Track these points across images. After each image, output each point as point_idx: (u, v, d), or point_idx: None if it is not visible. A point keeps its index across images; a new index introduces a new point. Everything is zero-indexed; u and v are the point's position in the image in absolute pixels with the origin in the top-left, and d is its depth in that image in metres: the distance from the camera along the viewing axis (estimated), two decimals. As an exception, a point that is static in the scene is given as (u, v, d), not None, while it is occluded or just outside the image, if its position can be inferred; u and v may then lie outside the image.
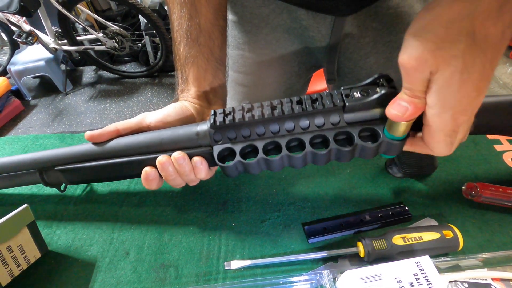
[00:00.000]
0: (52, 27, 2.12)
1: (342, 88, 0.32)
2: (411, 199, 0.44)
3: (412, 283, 0.30)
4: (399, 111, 0.27)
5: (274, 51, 0.56)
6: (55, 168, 0.40)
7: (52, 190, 0.49)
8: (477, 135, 0.49)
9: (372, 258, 0.36)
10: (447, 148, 0.28)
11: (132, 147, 0.38)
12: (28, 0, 1.80)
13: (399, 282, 0.30)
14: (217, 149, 0.34)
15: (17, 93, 2.34)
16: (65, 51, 2.30)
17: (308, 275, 0.35)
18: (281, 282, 0.35)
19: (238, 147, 0.34)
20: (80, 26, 2.15)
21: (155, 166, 0.37)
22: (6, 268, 0.37)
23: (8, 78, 2.26)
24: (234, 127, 0.33)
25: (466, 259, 0.35)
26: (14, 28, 2.13)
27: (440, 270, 0.32)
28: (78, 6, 2.08)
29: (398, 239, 0.36)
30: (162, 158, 0.36)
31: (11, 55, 2.37)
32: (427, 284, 0.30)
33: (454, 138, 0.27)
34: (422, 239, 0.36)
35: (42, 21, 2.04)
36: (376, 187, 0.47)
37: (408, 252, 0.35)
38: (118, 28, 2.14)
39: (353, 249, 0.37)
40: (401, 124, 0.28)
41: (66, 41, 2.18)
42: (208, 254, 0.40)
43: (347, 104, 0.30)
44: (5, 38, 2.41)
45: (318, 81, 1.27)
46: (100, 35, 2.11)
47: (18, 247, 0.38)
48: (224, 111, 0.34)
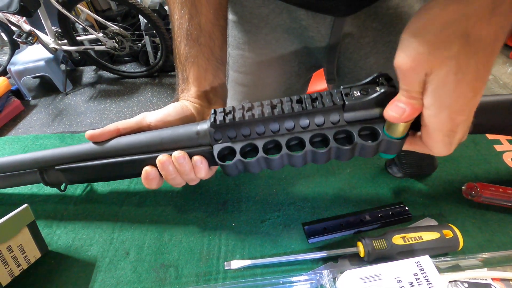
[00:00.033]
0: (52, 27, 2.12)
1: (342, 87, 0.32)
2: (411, 199, 0.45)
3: (412, 283, 0.30)
4: (397, 112, 0.27)
5: (274, 51, 0.56)
6: (56, 167, 0.41)
7: (52, 190, 0.49)
8: (476, 134, 0.49)
9: (372, 258, 0.36)
10: (446, 148, 0.28)
11: (133, 146, 0.38)
12: (28, 0, 1.80)
13: (399, 282, 0.30)
14: (217, 148, 0.34)
15: (17, 93, 2.34)
16: (65, 51, 2.30)
17: (308, 275, 0.35)
18: (281, 282, 0.35)
19: (238, 146, 0.34)
20: (80, 26, 2.15)
21: (155, 165, 0.37)
22: (6, 268, 0.37)
23: (8, 78, 2.26)
24: (234, 126, 0.33)
25: (466, 259, 0.35)
26: (14, 28, 2.13)
27: (440, 270, 0.32)
28: (78, 6, 2.08)
29: (398, 239, 0.36)
30: (162, 157, 0.36)
31: (11, 55, 2.37)
32: (427, 284, 0.30)
33: (452, 138, 0.27)
34: (422, 239, 0.36)
35: (42, 21, 2.04)
36: (376, 187, 0.47)
37: (408, 252, 0.35)
38: (118, 28, 2.14)
39: (353, 249, 0.37)
40: (399, 125, 0.28)
41: (66, 41, 2.18)
42: (208, 254, 0.40)
43: (346, 103, 0.30)
44: (5, 38, 2.40)
45: (318, 81, 1.27)
46: (100, 35, 2.11)
47: (18, 247, 0.38)
48: (224, 110, 0.34)
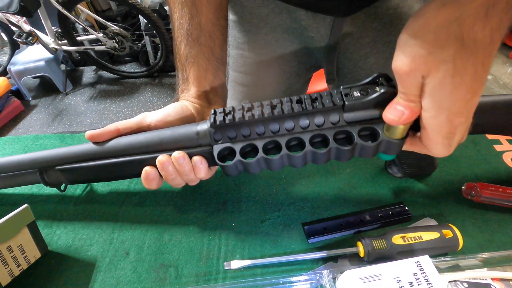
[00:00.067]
0: (52, 27, 2.12)
1: (342, 87, 0.32)
2: (411, 199, 0.45)
3: (411, 283, 0.30)
4: (396, 115, 0.27)
5: (274, 51, 0.56)
6: (56, 168, 0.41)
7: (52, 190, 0.49)
8: (476, 134, 0.49)
9: (372, 258, 0.36)
10: (445, 150, 0.28)
11: (133, 146, 0.38)
12: (28, 0, 1.80)
13: (399, 282, 0.30)
14: (217, 148, 0.34)
15: (17, 93, 2.34)
16: (65, 51, 2.30)
17: (308, 275, 0.35)
18: (281, 282, 0.35)
19: (238, 147, 0.34)
20: (80, 26, 2.15)
21: (155, 166, 0.37)
22: (6, 268, 0.37)
23: (8, 78, 2.26)
24: (234, 127, 0.33)
25: (466, 259, 0.35)
26: (14, 28, 2.14)
27: (440, 270, 0.32)
28: (78, 6, 2.08)
29: (398, 239, 0.36)
30: (162, 158, 0.36)
31: (11, 55, 2.37)
32: (427, 284, 0.30)
33: (451, 140, 0.27)
34: (422, 239, 0.36)
35: (42, 21, 2.04)
36: (376, 187, 0.47)
37: (407, 251, 0.35)
38: (118, 28, 2.14)
39: (353, 249, 0.37)
40: (398, 127, 0.28)
41: (66, 41, 2.18)
42: (208, 254, 0.40)
43: (346, 103, 0.30)
44: (5, 38, 2.41)
45: (318, 81, 1.27)
46: (100, 35, 2.11)
47: (18, 247, 0.38)
48: (224, 110, 0.34)
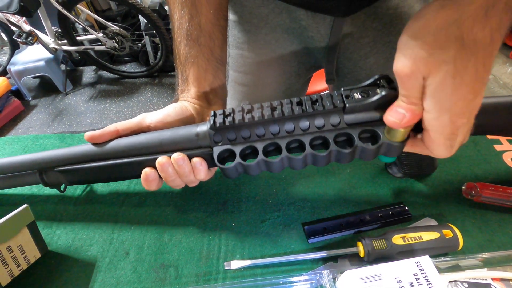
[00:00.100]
0: (52, 27, 2.12)
1: (343, 89, 0.32)
2: (411, 199, 0.45)
3: (412, 283, 0.30)
4: (397, 118, 0.27)
5: (274, 51, 0.56)
6: (55, 169, 0.40)
7: (52, 190, 0.49)
8: (477, 135, 0.49)
9: (372, 258, 0.36)
10: (447, 151, 0.28)
11: (132, 148, 0.38)
12: (28, 0, 1.80)
13: (399, 282, 0.30)
14: (217, 150, 0.34)
15: (17, 93, 2.34)
16: (65, 51, 2.30)
17: (308, 275, 0.35)
18: (281, 282, 0.35)
19: (238, 149, 0.33)
20: (80, 26, 2.15)
21: (154, 167, 0.37)
22: (6, 268, 0.37)
23: (8, 78, 2.26)
24: (234, 128, 0.33)
25: (466, 259, 0.35)
26: (14, 28, 2.13)
27: (440, 270, 0.32)
28: (78, 6, 2.08)
29: (398, 239, 0.36)
30: (161, 159, 0.35)
31: (11, 55, 2.37)
32: (427, 284, 0.30)
33: (453, 141, 0.27)
34: (422, 239, 0.36)
35: (42, 21, 2.04)
36: (376, 187, 0.47)
37: (408, 252, 0.35)
38: (118, 28, 2.14)
39: (353, 249, 0.37)
40: (399, 131, 0.28)
41: (66, 41, 2.18)
42: (208, 254, 0.40)
43: (347, 105, 0.30)
44: (5, 38, 2.41)
45: (319, 81, 1.27)
46: (100, 35, 2.11)
47: (18, 247, 0.38)
48: (223, 112, 0.34)
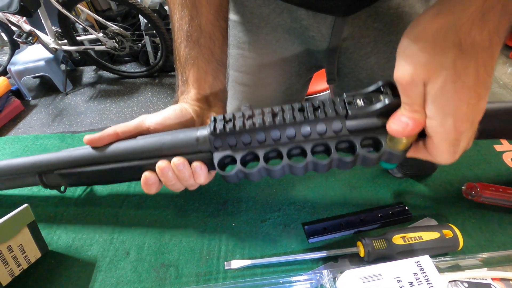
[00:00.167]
0: (52, 27, 2.12)
1: (345, 95, 0.31)
2: (411, 199, 0.45)
3: (412, 283, 0.30)
4: (400, 126, 0.27)
5: (274, 51, 0.56)
6: (55, 172, 0.40)
7: (52, 190, 0.49)
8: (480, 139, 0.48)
9: (372, 257, 0.36)
10: (450, 157, 0.28)
11: (132, 152, 0.37)
12: (28, 0, 1.80)
13: (399, 281, 0.30)
14: (217, 156, 0.34)
15: (17, 93, 2.34)
16: (65, 51, 2.30)
17: (308, 275, 0.35)
18: (281, 282, 0.35)
19: (238, 156, 0.33)
20: (80, 26, 2.15)
21: (154, 171, 0.36)
22: (6, 267, 0.37)
23: (8, 78, 2.26)
24: (234, 134, 0.33)
25: (466, 259, 0.35)
26: (14, 28, 2.13)
27: (440, 270, 0.32)
28: (78, 6, 2.08)
29: (398, 239, 0.36)
30: (161, 164, 0.35)
31: (11, 55, 2.37)
32: (427, 284, 0.30)
33: (457, 147, 0.27)
34: (422, 239, 0.36)
35: (42, 21, 2.04)
36: (376, 187, 0.47)
37: (408, 251, 0.35)
38: (118, 28, 2.14)
39: (353, 249, 0.37)
40: (401, 140, 0.28)
41: (66, 41, 2.18)
42: (208, 254, 0.40)
43: (349, 112, 0.30)
44: (5, 38, 2.40)
45: (319, 81, 1.27)
46: (100, 35, 2.11)
47: (18, 246, 0.38)
48: (224, 117, 0.33)
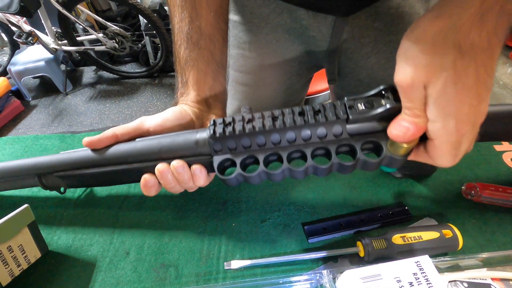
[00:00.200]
0: (52, 28, 2.12)
1: (346, 99, 0.31)
2: (411, 199, 0.45)
3: (411, 283, 0.30)
4: (401, 131, 0.27)
5: (275, 51, 0.56)
6: (54, 174, 0.40)
7: (52, 191, 0.49)
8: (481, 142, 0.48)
9: (372, 257, 0.36)
10: (452, 160, 0.28)
11: (131, 154, 0.37)
12: (28, 0, 1.80)
13: (399, 281, 0.30)
14: (217, 160, 0.34)
15: (17, 93, 2.34)
16: (65, 52, 2.30)
17: (308, 275, 0.35)
18: (281, 282, 0.35)
19: (238, 159, 0.33)
20: (80, 27, 2.15)
21: (154, 173, 0.36)
22: (6, 268, 0.37)
23: (8, 78, 2.26)
24: (234, 138, 0.33)
25: (466, 259, 0.35)
26: (14, 28, 2.13)
27: (440, 270, 0.32)
28: (78, 6, 2.08)
29: (397, 239, 0.36)
30: (161, 167, 0.35)
31: (11, 55, 2.37)
32: (427, 284, 0.30)
33: (458, 150, 0.27)
34: (422, 239, 0.36)
35: (42, 21, 2.04)
36: (376, 187, 0.47)
37: (407, 251, 0.35)
38: (118, 28, 2.14)
39: (353, 248, 0.37)
40: (402, 145, 0.28)
41: (66, 41, 2.18)
42: (208, 254, 0.40)
43: (350, 117, 0.30)
44: (5, 38, 2.41)
45: (319, 81, 1.27)
46: (100, 35, 2.11)
47: (18, 247, 0.38)
48: (223, 121, 0.33)
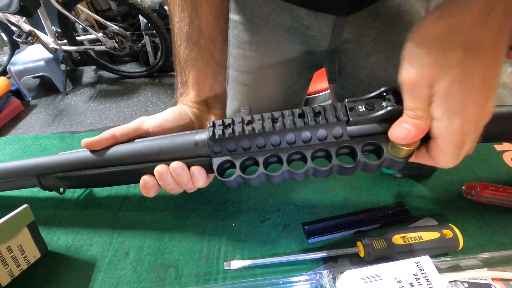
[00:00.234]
0: (52, 27, 2.12)
1: (346, 100, 0.31)
2: (411, 199, 0.45)
3: (412, 283, 0.30)
4: (402, 133, 0.27)
5: (275, 50, 0.56)
6: (53, 175, 0.40)
7: (52, 191, 0.49)
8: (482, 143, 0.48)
9: (372, 258, 0.36)
10: (453, 160, 0.28)
11: (131, 156, 0.37)
12: (28, 0, 1.80)
13: (399, 282, 0.30)
14: (216, 161, 0.33)
15: (17, 93, 2.33)
16: (65, 51, 2.30)
17: (308, 275, 0.35)
18: (281, 282, 0.35)
19: (238, 161, 0.33)
20: (80, 26, 2.15)
21: (153, 175, 0.36)
22: (6, 268, 0.37)
23: (8, 78, 2.26)
24: (233, 139, 0.33)
25: (466, 259, 0.35)
26: (14, 28, 2.13)
27: (440, 270, 0.32)
28: (78, 6, 2.08)
29: (398, 239, 0.36)
30: (160, 168, 0.35)
31: (11, 55, 2.36)
32: (427, 284, 0.30)
33: (461, 150, 0.27)
34: (422, 239, 0.36)
35: (42, 21, 2.04)
36: (376, 187, 0.47)
37: (408, 252, 0.35)
38: (118, 28, 2.14)
39: (353, 249, 0.37)
40: (403, 148, 0.28)
41: (66, 41, 2.18)
42: (208, 254, 0.40)
43: (351, 119, 0.30)
44: (5, 38, 2.40)
45: (319, 80, 1.27)
46: (100, 35, 2.11)
47: (18, 247, 0.38)
48: (223, 122, 0.33)
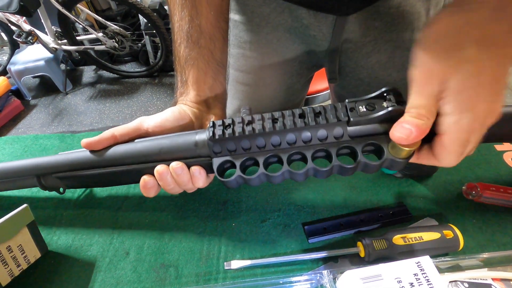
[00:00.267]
0: (52, 27, 2.12)
1: (347, 101, 0.31)
2: (411, 199, 0.44)
3: (412, 283, 0.30)
4: (404, 133, 0.26)
5: (275, 50, 0.56)
6: (53, 175, 0.40)
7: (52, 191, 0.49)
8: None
9: (372, 258, 0.36)
10: (456, 159, 0.28)
11: (130, 156, 0.37)
12: (28, 0, 1.80)
13: (399, 282, 0.30)
14: (216, 162, 0.33)
15: (17, 93, 2.33)
16: (65, 51, 2.30)
17: (308, 275, 0.35)
18: (281, 282, 0.35)
19: (238, 161, 0.33)
20: (80, 26, 2.15)
21: (153, 175, 0.36)
22: (6, 268, 0.37)
23: (8, 78, 2.25)
24: (233, 140, 0.32)
25: (467, 259, 0.35)
26: (14, 27, 2.13)
27: (441, 270, 0.32)
28: (78, 5, 2.08)
29: (398, 239, 0.36)
30: (160, 168, 0.35)
31: (11, 54, 2.36)
32: (428, 284, 0.30)
33: (465, 148, 0.27)
34: (423, 239, 0.36)
35: (42, 20, 2.04)
36: (376, 187, 0.46)
37: (408, 252, 0.35)
38: (118, 27, 2.14)
39: (353, 249, 0.37)
40: (404, 148, 0.28)
41: (66, 40, 2.18)
42: (208, 254, 0.40)
43: (351, 119, 0.29)
44: (5, 38, 2.40)
45: (319, 80, 1.27)
46: (100, 34, 2.11)
47: (18, 247, 0.38)
48: (223, 122, 0.33)
